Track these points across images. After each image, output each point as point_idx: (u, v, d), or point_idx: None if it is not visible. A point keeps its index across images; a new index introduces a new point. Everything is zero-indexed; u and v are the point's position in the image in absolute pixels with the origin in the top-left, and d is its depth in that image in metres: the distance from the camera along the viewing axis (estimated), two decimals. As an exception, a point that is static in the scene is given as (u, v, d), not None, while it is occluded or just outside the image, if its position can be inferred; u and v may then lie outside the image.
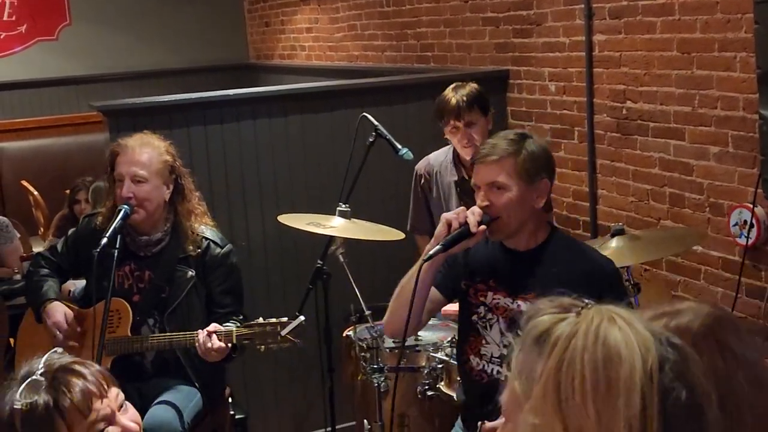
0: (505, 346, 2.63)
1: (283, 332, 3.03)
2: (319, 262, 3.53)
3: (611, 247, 3.17)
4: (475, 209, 2.58)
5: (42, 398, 1.65)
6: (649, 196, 4.01)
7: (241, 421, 3.64)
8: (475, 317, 2.70)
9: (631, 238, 3.23)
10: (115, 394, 1.74)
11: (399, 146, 3.60)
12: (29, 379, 1.68)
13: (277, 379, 4.38)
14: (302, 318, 3.08)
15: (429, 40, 5.56)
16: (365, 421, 3.34)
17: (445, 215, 2.61)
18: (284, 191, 4.32)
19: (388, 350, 3.33)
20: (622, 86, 4.08)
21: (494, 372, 2.64)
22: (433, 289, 2.75)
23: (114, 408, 1.72)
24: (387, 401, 3.24)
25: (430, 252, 2.53)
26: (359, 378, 3.39)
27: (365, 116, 3.65)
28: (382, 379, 3.22)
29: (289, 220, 3.61)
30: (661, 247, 3.45)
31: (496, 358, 2.65)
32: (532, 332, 1.35)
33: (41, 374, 1.68)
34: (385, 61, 6.12)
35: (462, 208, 2.63)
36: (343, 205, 3.53)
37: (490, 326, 2.67)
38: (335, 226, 3.47)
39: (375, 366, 3.24)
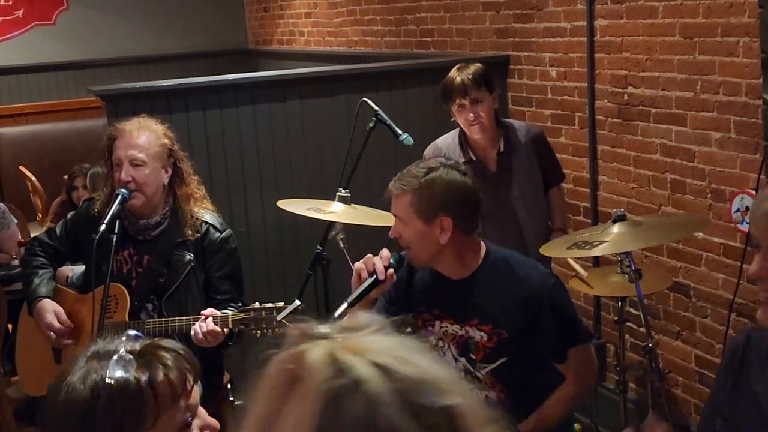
0: (461, 370, 2.62)
1: (279, 317, 3.00)
2: (318, 247, 3.52)
3: (613, 233, 3.14)
4: (384, 253, 2.57)
5: (133, 375, 1.49)
6: (651, 182, 4.00)
7: (240, 408, 3.63)
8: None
9: (633, 224, 3.21)
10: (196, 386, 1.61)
11: (399, 131, 3.58)
12: (115, 356, 1.51)
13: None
14: (298, 302, 3.05)
15: (429, 26, 5.53)
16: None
17: (356, 265, 2.59)
18: (284, 176, 4.31)
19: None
20: (623, 71, 4.06)
21: None
22: None
23: (197, 400, 1.59)
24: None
25: (339, 311, 2.50)
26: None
27: (365, 101, 3.64)
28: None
29: (288, 205, 3.60)
30: (663, 233, 3.43)
31: None
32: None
33: (128, 351, 1.52)
34: (384, 46, 6.09)
35: (369, 255, 2.60)
36: (343, 191, 3.52)
37: (443, 353, 2.65)
38: (335, 211, 3.46)
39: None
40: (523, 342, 2.57)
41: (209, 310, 3.05)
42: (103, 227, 2.97)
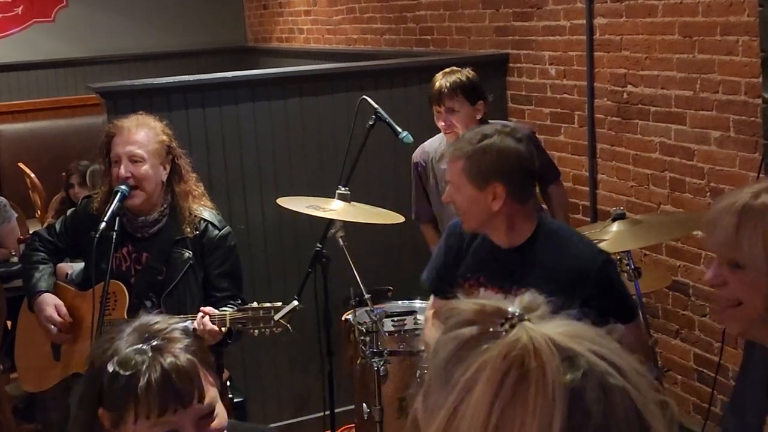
0: None
1: (277, 317, 2.99)
2: (318, 245, 3.52)
3: (612, 231, 3.16)
4: None
5: (133, 368, 1.61)
6: (650, 180, 4.00)
7: (239, 405, 3.64)
8: None
9: (632, 223, 3.22)
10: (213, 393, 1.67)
11: (399, 129, 3.58)
12: (139, 345, 1.63)
13: (276, 363, 4.38)
14: (296, 302, 3.05)
15: (428, 24, 5.53)
16: (364, 404, 3.34)
17: None
18: (283, 174, 4.31)
19: (387, 334, 3.32)
20: (623, 70, 4.06)
21: None
22: (433, 299, 2.91)
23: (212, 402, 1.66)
24: (386, 385, 3.24)
25: None
26: (358, 362, 3.39)
27: (365, 99, 3.64)
28: (382, 362, 3.22)
29: (288, 203, 3.60)
30: (662, 231, 3.44)
31: None
32: (444, 349, 0.92)
33: (153, 344, 1.63)
34: (384, 44, 6.09)
35: None
36: (343, 188, 3.52)
37: None
38: (335, 209, 3.46)
39: (374, 350, 3.24)
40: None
41: (207, 309, 3.05)
42: (103, 225, 2.97)
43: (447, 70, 3.74)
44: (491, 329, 0.89)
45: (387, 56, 5.52)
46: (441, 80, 3.67)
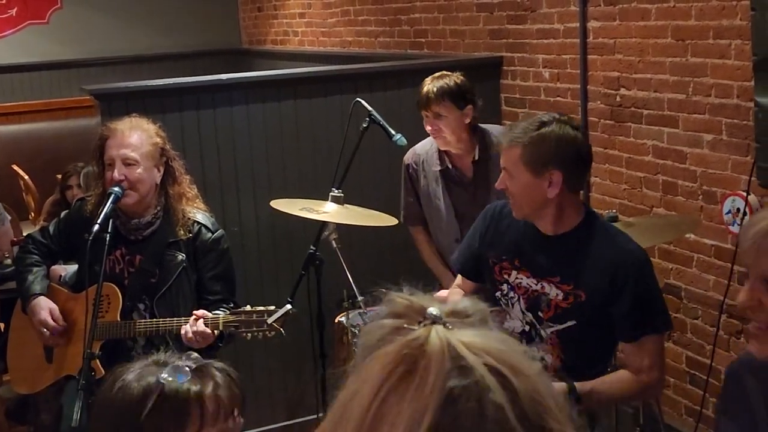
0: (527, 323, 2.64)
1: (270, 320, 3.00)
2: (311, 247, 3.52)
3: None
4: None
5: (186, 384, 1.61)
6: (643, 183, 4.01)
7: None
8: (498, 293, 2.71)
9: (625, 225, 3.23)
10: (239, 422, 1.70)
11: (393, 132, 3.59)
12: (175, 364, 1.64)
13: (270, 365, 4.38)
14: (289, 306, 3.05)
15: (422, 26, 5.54)
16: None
17: None
18: (277, 176, 4.31)
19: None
20: (616, 73, 4.07)
21: None
22: (461, 278, 2.91)
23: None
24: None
25: None
26: (351, 364, 3.39)
27: (359, 102, 3.65)
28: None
29: (282, 205, 3.60)
30: (655, 234, 3.45)
31: (518, 333, 2.65)
32: (368, 335, 1.02)
33: (188, 362, 1.65)
34: (378, 47, 6.10)
35: None
36: (336, 191, 3.53)
37: (512, 304, 2.68)
38: (328, 211, 3.47)
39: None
40: (598, 308, 2.54)
41: (200, 312, 3.05)
42: (96, 227, 2.97)
43: (436, 74, 3.73)
44: (407, 325, 0.95)
45: (381, 59, 5.53)
46: (429, 85, 3.66)
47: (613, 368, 2.81)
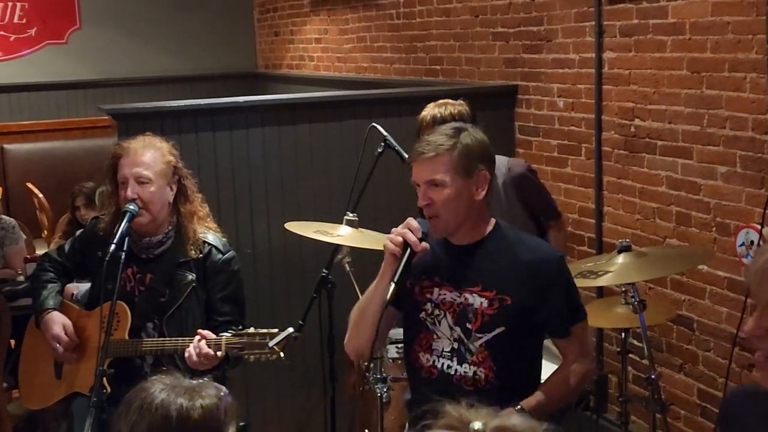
0: (455, 340, 2.62)
1: (271, 343, 2.97)
2: (324, 271, 3.53)
3: (617, 263, 3.16)
4: (411, 224, 2.55)
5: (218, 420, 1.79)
6: (656, 214, 4.01)
7: (242, 429, 3.61)
8: (422, 314, 2.68)
9: (638, 255, 3.23)
10: None
11: (407, 157, 3.59)
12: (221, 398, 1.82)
13: (279, 387, 4.37)
14: (291, 330, 3.01)
15: (438, 54, 5.57)
16: (366, 431, 3.33)
17: (386, 245, 2.56)
18: (291, 199, 4.33)
19: (391, 360, 3.32)
20: (630, 104, 4.09)
21: (444, 366, 2.61)
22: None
23: None
24: (389, 412, 3.24)
25: (388, 295, 2.48)
26: (361, 388, 3.39)
27: (374, 126, 3.66)
28: (385, 389, 3.22)
29: (296, 227, 3.61)
30: (668, 264, 3.44)
31: (447, 352, 2.62)
32: None
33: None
34: (393, 73, 6.13)
35: (395, 230, 2.57)
36: (351, 214, 3.53)
37: (439, 322, 2.65)
38: (342, 234, 3.47)
39: (378, 376, 3.23)
40: (525, 310, 2.58)
41: (204, 332, 3.04)
42: (113, 247, 2.97)
43: (440, 101, 3.66)
44: None
45: (396, 85, 5.56)
46: (425, 111, 3.61)
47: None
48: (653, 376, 3.20)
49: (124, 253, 3.01)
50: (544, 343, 2.74)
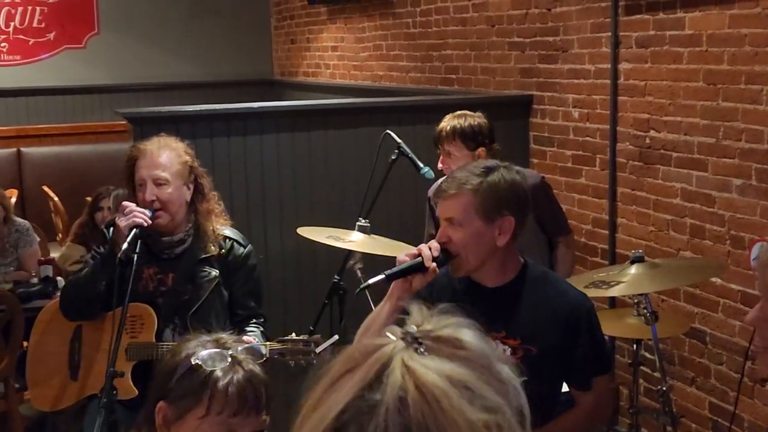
0: None
1: (318, 350, 3.04)
2: (336, 277, 3.53)
3: (630, 274, 3.15)
4: (434, 244, 2.46)
5: (212, 368, 1.75)
6: (670, 226, 4.00)
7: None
8: None
9: (651, 266, 3.21)
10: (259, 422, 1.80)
11: (421, 165, 3.60)
12: (220, 349, 1.80)
13: (289, 393, 4.36)
14: (336, 337, 3.09)
15: (454, 63, 5.58)
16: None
17: (399, 258, 2.48)
18: (304, 204, 4.34)
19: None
20: (646, 115, 4.08)
21: None
22: None
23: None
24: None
25: (372, 280, 2.43)
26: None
27: (389, 134, 3.67)
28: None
29: (308, 232, 3.62)
30: (681, 276, 3.43)
31: None
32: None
33: (231, 354, 1.79)
34: (409, 82, 6.14)
35: (425, 245, 2.49)
36: (363, 221, 3.53)
37: None
38: (354, 240, 3.47)
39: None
40: (551, 361, 2.48)
41: (247, 338, 3.02)
42: (125, 245, 2.98)
43: (457, 112, 3.65)
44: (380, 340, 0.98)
45: (412, 94, 5.56)
46: (444, 122, 3.60)
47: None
48: (665, 389, 3.19)
49: (137, 255, 3.02)
50: None
